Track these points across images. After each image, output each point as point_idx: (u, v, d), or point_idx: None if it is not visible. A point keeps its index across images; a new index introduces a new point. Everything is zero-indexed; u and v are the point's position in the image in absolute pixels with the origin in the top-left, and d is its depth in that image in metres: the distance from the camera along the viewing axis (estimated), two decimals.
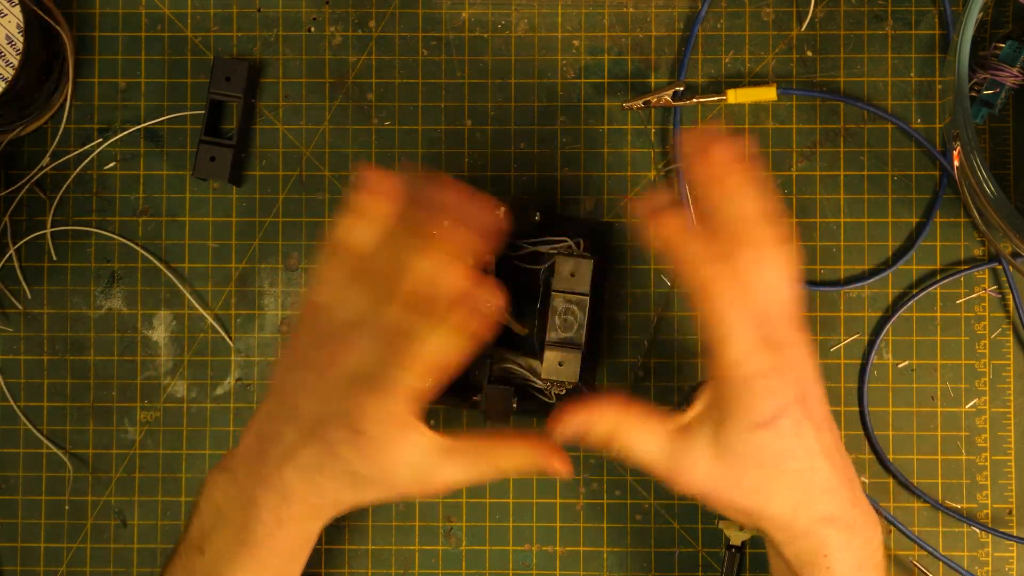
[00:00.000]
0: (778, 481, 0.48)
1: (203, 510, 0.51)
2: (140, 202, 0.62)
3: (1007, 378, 0.61)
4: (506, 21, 0.62)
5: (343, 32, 0.62)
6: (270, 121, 0.62)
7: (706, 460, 0.47)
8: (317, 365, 0.48)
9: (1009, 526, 0.60)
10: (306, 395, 0.48)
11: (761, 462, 0.47)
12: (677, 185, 0.61)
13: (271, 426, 0.49)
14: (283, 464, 0.48)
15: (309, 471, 0.48)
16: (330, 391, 0.47)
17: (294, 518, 0.49)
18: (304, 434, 0.48)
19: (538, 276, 0.60)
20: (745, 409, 0.47)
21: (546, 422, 0.49)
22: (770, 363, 0.47)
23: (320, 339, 0.48)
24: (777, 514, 0.48)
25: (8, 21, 0.57)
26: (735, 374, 0.46)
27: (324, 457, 0.47)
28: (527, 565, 0.61)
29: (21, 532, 0.62)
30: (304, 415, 0.48)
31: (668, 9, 0.61)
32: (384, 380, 0.46)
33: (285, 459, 0.48)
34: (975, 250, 0.61)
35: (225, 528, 0.50)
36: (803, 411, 0.47)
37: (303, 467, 0.48)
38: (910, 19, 0.61)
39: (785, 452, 0.47)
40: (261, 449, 0.49)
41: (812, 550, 0.49)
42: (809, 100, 0.61)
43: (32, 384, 0.62)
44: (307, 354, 0.49)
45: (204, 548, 0.50)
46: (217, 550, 0.50)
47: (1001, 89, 0.59)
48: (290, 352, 0.50)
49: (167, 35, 0.62)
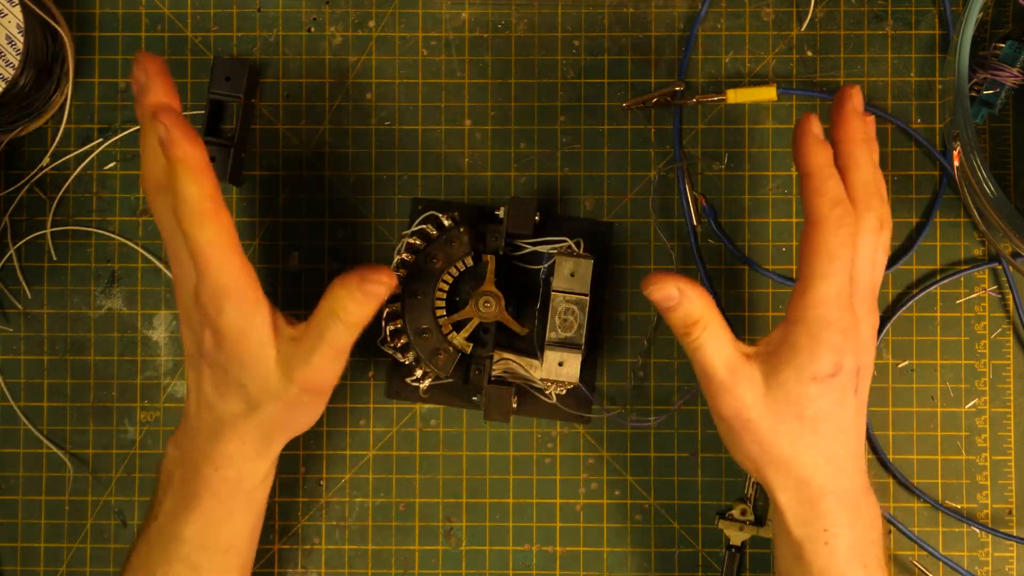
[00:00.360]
0: (811, 438, 0.50)
1: (159, 482, 0.54)
2: (140, 202, 0.62)
3: (1007, 378, 0.61)
4: (506, 21, 0.62)
5: (343, 32, 0.62)
6: (270, 121, 0.62)
7: (757, 391, 0.50)
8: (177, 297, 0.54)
9: (1009, 526, 0.60)
10: (185, 330, 0.53)
11: (803, 415, 0.50)
12: (678, 183, 0.61)
13: (189, 383, 0.54)
14: (199, 408, 0.53)
15: (208, 398, 0.52)
16: (192, 318, 0.52)
17: (228, 459, 0.52)
18: (195, 366, 0.53)
19: (538, 276, 0.60)
20: (808, 358, 0.49)
21: (643, 281, 0.51)
22: (846, 321, 0.50)
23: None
24: (798, 468, 0.50)
25: (8, 21, 0.57)
26: (814, 315, 0.49)
27: (208, 373, 0.52)
28: (527, 565, 0.61)
29: (21, 532, 0.62)
30: (190, 351, 0.53)
31: (668, 9, 0.61)
32: (195, 268, 0.50)
33: (198, 403, 0.53)
34: (975, 250, 0.61)
35: (172, 489, 0.53)
36: (853, 382, 0.50)
37: (207, 400, 0.52)
38: (910, 19, 0.61)
39: (827, 414, 0.50)
40: (187, 408, 0.54)
41: (815, 521, 0.50)
42: (809, 100, 0.61)
43: (32, 384, 0.62)
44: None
45: (158, 514, 0.53)
46: (167, 512, 0.53)
47: (1001, 89, 0.59)
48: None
49: (167, 35, 0.62)
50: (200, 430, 0.53)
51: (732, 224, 0.61)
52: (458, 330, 0.58)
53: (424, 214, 0.59)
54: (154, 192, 0.52)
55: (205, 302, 0.50)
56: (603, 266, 0.60)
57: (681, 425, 0.61)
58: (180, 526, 0.53)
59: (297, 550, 0.61)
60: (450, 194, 0.61)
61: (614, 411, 0.61)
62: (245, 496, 0.54)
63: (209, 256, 0.49)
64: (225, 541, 0.53)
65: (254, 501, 0.55)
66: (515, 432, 0.61)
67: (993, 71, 0.59)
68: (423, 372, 0.58)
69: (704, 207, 0.61)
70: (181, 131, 0.49)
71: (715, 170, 0.61)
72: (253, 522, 0.55)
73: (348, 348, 0.52)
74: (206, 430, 0.53)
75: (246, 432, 0.52)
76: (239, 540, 0.54)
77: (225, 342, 0.51)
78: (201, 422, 0.53)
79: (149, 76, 0.51)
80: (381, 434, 0.61)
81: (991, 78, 0.59)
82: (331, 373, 0.53)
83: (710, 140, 0.61)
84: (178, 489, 0.53)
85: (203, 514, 0.53)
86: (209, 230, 0.49)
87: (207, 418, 0.53)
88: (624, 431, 0.61)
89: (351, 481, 0.61)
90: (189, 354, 0.53)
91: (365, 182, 0.62)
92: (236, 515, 0.54)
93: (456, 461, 0.61)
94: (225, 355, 0.51)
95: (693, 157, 0.61)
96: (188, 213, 0.49)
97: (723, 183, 0.61)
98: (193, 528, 0.52)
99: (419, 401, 0.61)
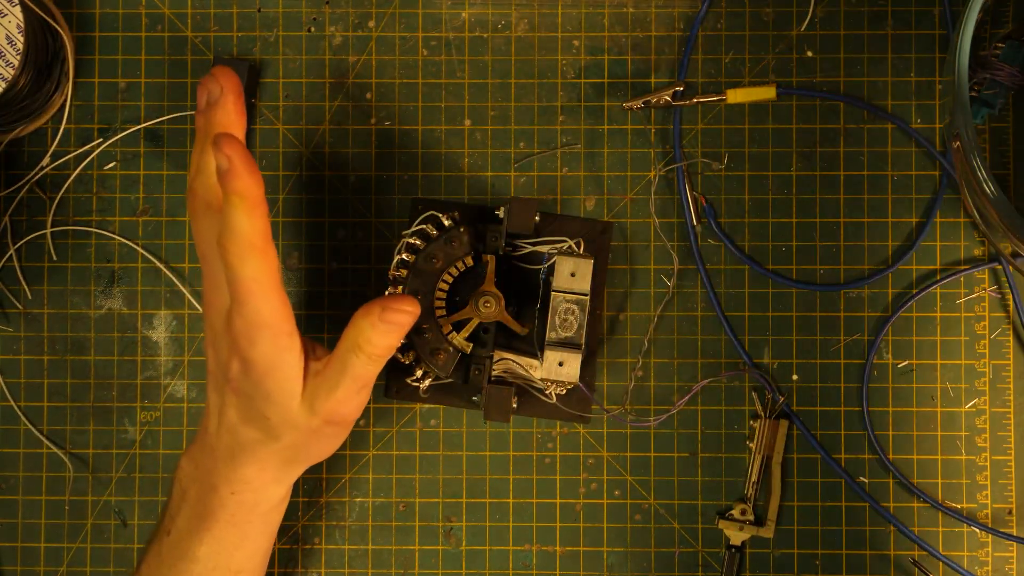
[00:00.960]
0: None
1: (172, 495, 0.54)
2: (140, 202, 0.62)
3: (1007, 378, 0.61)
4: (506, 21, 0.62)
5: (343, 32, 0.62)
6: (270, 121, 0.62)
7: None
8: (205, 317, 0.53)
9: (1009, 526, 0.60)
10: (210, 351, 0.53)
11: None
12: (678, 183, 0.61)
13: (211, 403, 0.54)
14: (220, 430, 0.52)
15: (230, 423, 0.52)
16: (220, 341, 0.51)
17: (246, 483, 0.52)
18: (219, 389, 0.52)
19: (538, 276, 0.60)
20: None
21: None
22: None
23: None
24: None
25: (8, 21, 0.57)
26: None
27: (233, 400, 0.51)
28: (527, 565, 0.61)
29: (21, 532, 0.62)
30: (213, 372, 0.53)
31: (668, 9, 0.61)
32: (232, 295, 0.49)
33: (219, 425, 0.52)
34: (975, 250, 0.61)
35: (187, 506, 0.53)
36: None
37: (228, 424, 0.52)
38: (910, 19, 0.61)
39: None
40: (206, 424, 0.54)
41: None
42: (809, 100, 0.61)
43: (32, 384, 0.62)
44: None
45: (170, 529, 0.53)
46: (181, 528, 0.53)
47: (1001, 89, 0.59)
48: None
49: (167, 35, 0.62)
50: (219, 450, 0.53)
51: (732, 224, 0.61)
52: (458, 330, 0.58)
53: (424, 214, 0.59)
54: (201, 210, 0.51)
55: (238, 332, 0.50)
56: (603, 266, 0.60)
57: (681, 425, 0.61)
58: (194, 545, 0.52)
59: (297, 550, 0.61)
60: (450, 194, 0.61)
61: (614, 411, 0.61)
62: (260, 519, 0.54)
63: (250, 289, 0.49)
64: (237, 564, 0.53)
65: (269, 524, 0.54)
66: (515, 432, 0.61)
67: (993, 71, 0.59)
68: (423, 372, 0.58)
69: (704, 207, 0.61)
70: (244, 164, 0.47)
71: (715, 170, 0.61)
72: (266, 545, 0.55)
73: (372, 380, 0.52)
74: (225, 452, 0.52)
75: (266, 458, 0.52)
76: (250, 563, 0.54)
77: (253, 373, 0.50)
78: (220, 443, 0.53)
79: (224, 92, 0.51)
80: (381, 434, 0.61)
81: (991, 78, 0.59)
82: (355, 405, 0.52)
83: (710, 140, 0.61)
84: (193, 507, 0.53)
85: (217, 536, 0.52)
86: (254, 266, 0.48)
87: (227, 441, 0.52)
88: (624, 431, 0.61)
89: (351, 481, 0.61)
90: (212, 375, 0.53)
91: (365, 182, 0.62)
92: (250, 538, 0.53)
93: (456, 461, 0.61)
94: (251, 385, 0.51)
95: (693, 157, 0.61)
96: (236, 246, 0.48)
97: (723, 183, 0.61)
98: (206, 549, 0.52)
99: (419, 401, 0.61)
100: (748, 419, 0.61)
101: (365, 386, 0.52)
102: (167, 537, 0.53)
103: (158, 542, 0.53)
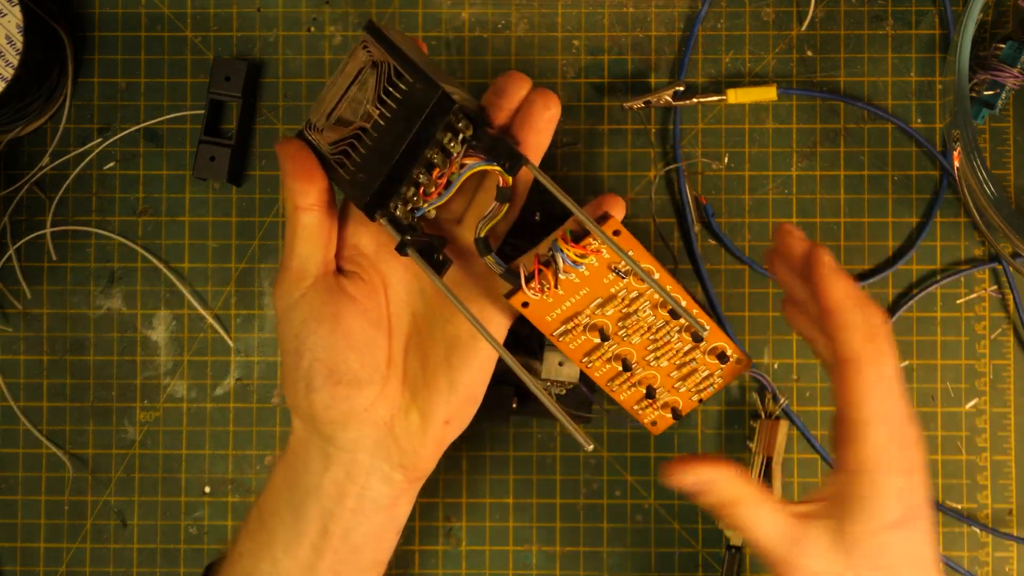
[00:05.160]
0: None
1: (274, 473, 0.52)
2: (140, 202, 0.62)
3: (1007, 378, 0.61)
4: (506, 21, 0.62)
5: (343, 32, 0.62)
6: (270, 121, 0.62)
7: (825, 554, 0.45)
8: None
9: (1009, 526, 0.60)
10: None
11: (880, 565, 0.45)
12: (678, 183, 0.61)
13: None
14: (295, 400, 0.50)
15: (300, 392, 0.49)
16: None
17: (333, 460, 0.49)
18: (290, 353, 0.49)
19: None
20: (877, 508, 0.45)
21: (662, 468, 0.47)
22: (907, 461, 0.45)
23: None
24: None
25: (8, 21, 0.57)
26: (874, 464, 0.45)
27: (289, 357, 0.49)
28: (527, 565, 0.61)
29: (21, 532, 0.62)
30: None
31: (668, 9, 0.61)
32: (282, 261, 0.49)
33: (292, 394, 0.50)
34: (975, 250, 0.61)
35: (279, 477, 0.51)
36: (928, 518, 0.46)
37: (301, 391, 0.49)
38: (910, 19, 0.61)
39: (907, 558, 0.46)
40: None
41: None
42: (809, 100, 0.61)
43: (32, 384, 0.62)
44: None
45: (265, 518, 0.51)
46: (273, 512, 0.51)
47: (1001, 89, 0.59)
48: None
49: (167, 35, 0.62)
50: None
51: (732, 224, 0.61)
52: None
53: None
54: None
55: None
56: None
57: (681, 425, 0.61)
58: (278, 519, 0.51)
59: None
60: None
61: (614, 411, 0.61)
62: (357, 507, 0.51)
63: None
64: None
65: (365, 516, 0.51)
66: (515, 432, 0.61)
67: (993, 71, 0.59)
68: None
69: (704, 207, 0.61)
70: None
71: (715, 170, 0.61)
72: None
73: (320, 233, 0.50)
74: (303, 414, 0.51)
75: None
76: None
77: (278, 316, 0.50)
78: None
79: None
80: None
81: (991, 78, 0.59)
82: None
83: (710, 140, 0.61)
84: (283, 476, 0.51)
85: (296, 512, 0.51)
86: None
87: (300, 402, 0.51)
88: (624, 431, 0.61)
89: None
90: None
91: None
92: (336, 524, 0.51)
93: (456, 461, 0.61)
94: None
95: (693, 157, 0.61)
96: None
97: (723, 183, 0.61)
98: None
99: None
100: (748, 419, 0.61)
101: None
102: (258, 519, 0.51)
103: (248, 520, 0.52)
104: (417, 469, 0.51)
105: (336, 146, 0.46)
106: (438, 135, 0.45)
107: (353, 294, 0.49)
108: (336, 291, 0.48)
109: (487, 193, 0.49)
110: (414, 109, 0.45)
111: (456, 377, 0.49)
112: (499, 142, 0.46)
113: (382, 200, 0.46)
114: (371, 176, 0.45)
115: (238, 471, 0.61)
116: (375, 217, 0.46)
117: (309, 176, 0.47)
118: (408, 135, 0.45)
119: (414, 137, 0.45)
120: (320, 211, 0.48)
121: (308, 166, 0.47)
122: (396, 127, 0.45)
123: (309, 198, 0.47)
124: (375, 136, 0.45)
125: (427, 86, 0.44)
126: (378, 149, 0.45)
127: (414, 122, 0.44)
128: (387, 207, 0.46)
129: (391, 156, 0.45)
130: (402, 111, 0.45)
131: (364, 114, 0.46)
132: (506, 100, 0.48)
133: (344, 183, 0.47)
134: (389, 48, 0.45)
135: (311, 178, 0.47)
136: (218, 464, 0.62)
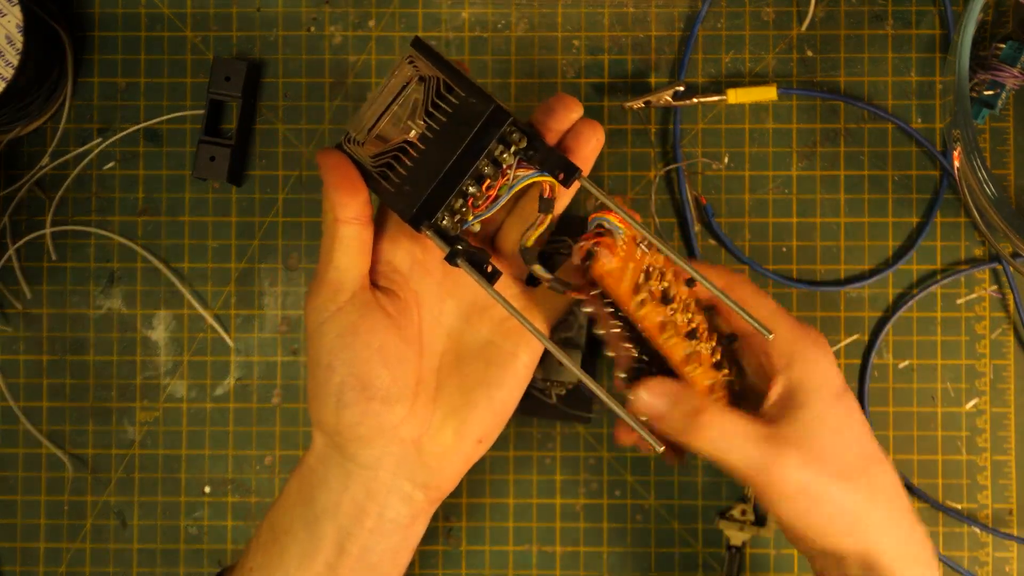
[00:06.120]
0: (855, 453, 0.48)
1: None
2: (140, 202, 0.62)
3: (1007, 378, 0.61)
4: (506, 21, 0.62)
5: (343, 32, 0.62)
6: (270, 121, 0.62)
7: (798, 452, 0.46)
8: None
9: (1009, 526, 0.60)
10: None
11: (844, 434, 0.48)
12: (678, 183, 0.61)
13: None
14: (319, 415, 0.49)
15: (324, 408, 0.48)
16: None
17: (353, 478, 0.49)
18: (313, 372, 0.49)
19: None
20: (824, 382, 0.48)
21: (629, 393, 0.48)
22: (814, 334, 0.49)
23: None
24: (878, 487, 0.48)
25: (8, 21, 0.57)
26: (799, 347, 0.48)
27: (314, 376, 0.48)
28: (527, 565, 0.61)
29: (21, 532, 0.62)
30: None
31: (668, 9, 0.61)
32: (317, 273, 0.49)
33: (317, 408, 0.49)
34: (975, 250, 0.61)
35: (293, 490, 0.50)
36: (852, 393, 0.49)
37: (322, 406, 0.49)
38: (910, 19, 0.61)
39: (859, 422, 0.48)
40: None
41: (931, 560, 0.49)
42: (809, 100, 0.61)
43: (32, 384, 0.62)
44: None
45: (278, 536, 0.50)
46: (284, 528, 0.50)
47: (1001, 89, 0.59)
48: None
49: (167, 35, 0.62)
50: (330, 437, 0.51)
51: (732, 224, 0.61)
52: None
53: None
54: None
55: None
56: None
57: None
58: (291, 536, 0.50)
59: None
60: None
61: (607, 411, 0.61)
62: (372, 524, 0.50)
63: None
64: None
65: (382, 535, 0.51)
66: (515, 432, 0.61)
67: (993, 71, 0.59)
68: None
69: (704, 207, 0.61)
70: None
71: (715, 170, 0.61)
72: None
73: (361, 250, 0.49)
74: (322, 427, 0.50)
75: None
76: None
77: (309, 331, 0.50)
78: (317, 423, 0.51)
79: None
80: None
81: (991, 78, 0.59)
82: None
83: (710, 140, 0.61)
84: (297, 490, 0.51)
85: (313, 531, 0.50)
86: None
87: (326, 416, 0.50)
88: None
89: None
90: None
91: None
92: (354, 543, 0.50)
93: None
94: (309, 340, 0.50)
95: (693, 157, 0.61)
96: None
97: (723, 183, 0.61)
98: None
99: None
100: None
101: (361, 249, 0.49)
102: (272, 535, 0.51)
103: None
104: (439, 489, 0.50)
105: (378, 159, 0.46)
106: (490, 147, 0.45)
107: (388, 310, 0.48)
108: (372, 306, 0.48)
109: (528, 205, 0.49)
110: (465, 122, 0.45)
111: (494, 394, 0.49)
112: (553, 154, 0.46)
113: (428, 212, 0.46)
114: (418, 188, 0.45)
115: (238, 471, 0.61)
116: (420, 228, 0.46)
117: (351, 188, 0.47)
118: (459, 147, 0.45)
119: (465, 148, 0.45)
120: (360, 224, 0.48)
121: (351, 178, 0.47)
122: (445, 139, 0.45)
123: (350, 210, 0.47)
124: (422, 148, 0.46)
125: (480, 99, 0.45)
126: (425, 161, 0.46)
127: (465, 134, 0.45)
128: (433, 218, 0.46)
129: (439, 168, 0.45)
130: (451, 124, 0.45)
131: (406, 127, 0.46)
132: (555, 121, 0.48)
133: (388, 195, 0.47)
134: (437, 62, 0.46)
135: (353, 190, 0.47)
136: (218, 464, 0.61)
